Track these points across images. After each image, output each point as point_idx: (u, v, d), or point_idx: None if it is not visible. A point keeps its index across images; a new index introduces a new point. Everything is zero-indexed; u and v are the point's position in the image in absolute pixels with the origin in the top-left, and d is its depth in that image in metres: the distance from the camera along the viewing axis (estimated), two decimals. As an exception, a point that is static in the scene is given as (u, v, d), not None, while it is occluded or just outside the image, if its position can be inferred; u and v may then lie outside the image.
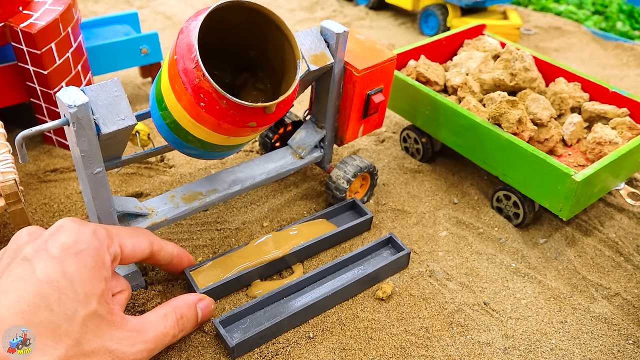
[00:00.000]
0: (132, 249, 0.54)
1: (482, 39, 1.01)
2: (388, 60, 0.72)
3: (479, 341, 0.64)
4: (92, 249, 0.48)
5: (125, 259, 0.54)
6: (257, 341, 0.60)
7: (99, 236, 0.50)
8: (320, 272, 0.68)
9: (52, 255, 0.46)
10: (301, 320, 0.63)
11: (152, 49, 1.01)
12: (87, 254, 0.48)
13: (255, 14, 0.58)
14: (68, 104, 0.50)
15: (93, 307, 0.47)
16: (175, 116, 0.57)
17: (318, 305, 0.64)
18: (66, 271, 0.46)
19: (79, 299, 0.46)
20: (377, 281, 0.69)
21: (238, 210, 0.79)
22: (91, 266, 0.47)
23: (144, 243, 0.56)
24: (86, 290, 0.46)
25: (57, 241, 0.48)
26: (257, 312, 0.64)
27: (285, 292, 0.65)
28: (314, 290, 0.67)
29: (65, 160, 0.88)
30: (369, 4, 1.54)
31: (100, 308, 0.47)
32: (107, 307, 0.48)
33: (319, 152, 0.78)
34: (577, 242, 0.78)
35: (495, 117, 0.78)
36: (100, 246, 0.49)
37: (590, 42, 1.43)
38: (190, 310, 0.58)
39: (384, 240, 0.73)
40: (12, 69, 0.82)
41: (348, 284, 0.65)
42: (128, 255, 0.54)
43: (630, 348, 0.64)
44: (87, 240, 0.49)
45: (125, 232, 0.55)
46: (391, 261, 0.69)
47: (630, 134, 0.80)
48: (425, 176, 0.89)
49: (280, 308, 0.64)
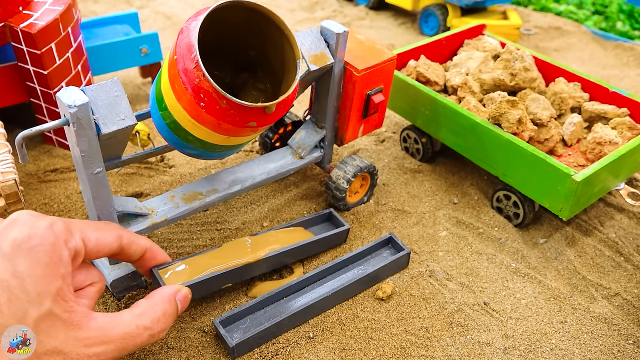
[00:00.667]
0: (96, 243, 0.50)
1: (482, 39, 1.01)
2: (388, 60, 0.72)
3: (479, 341, 0.64)
4: (46, 244, 0.45)
5: (89, 253, 0.50)
6: (257, 341, 0.60)
7: (55, 230, 0.46)
8: (320, 272, 0.68)
9: (2, 252, 0.43)
10: (301, 320, 0.63)
11: (152, 49, 1.01)
12: (40, 249, 0.44)
13: (255, 14, 0.57)
14: (68, 104, 0.50)
15: (46, 306, 0.44)
16: (175, 116, 0.57)
17: (318, 305, 0.64)
18: (16, 270, 0.43)
19: (30, 299, 0.43)
20: (377, 281, 0.69)
21: (238, 210, 0.79)
22: (45, 263, 0.44)
23: (110, 237, 0.52)
24: (38, 289, 0.43)
25: (9, 236, 0.44)
26: (257, 312, 0.63)
27: (285, 292, 0.65)
28: (314, 291, 0.67)
29: (65, 160, 0.88)
30: (369, 4, 1.54)
31: (55, 307, 0.44)
32: (65, 305, 0.45)
33: (319, 152, 0.78)
34: (577, 242, 0.78)
35: (495, 117, 0.78)
36: (56, 241, 0.46)
37: (590, 42, 1.43)
38: (171, 305, 0.53)
39: (384, 240, 0.72)
40: (12, 69, 0.82)
41: (348, 284, 0.65)
42: (92, 249, 0.50)
43: (630, 348, 0.64)
44: (40, 234, 0.45)
45: (89, 226, 0.51)
46: (391, 261, 0.69)
47: (630, 134, 0.80)
48: (425, 176, 0.89)
49: (280, 308, 0.64)
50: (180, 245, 0.73)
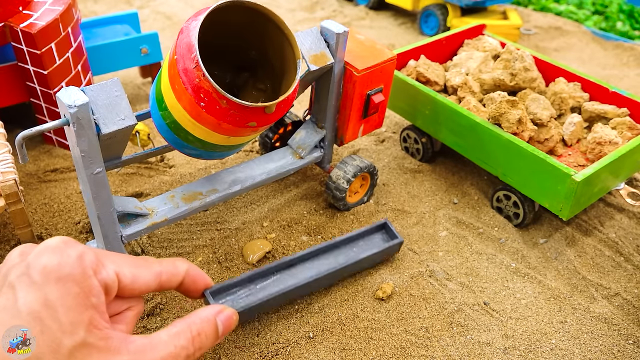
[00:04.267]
0: (132, 280, 0.49)
1: (482, 39, 1.01)
2: (388, 60, 0.72)
3: (479, 341, 0.64)
4: (76, 273, 0.44)
5: (124, 289, 0.49)
6: (245, 316, 0.61)
7: (84, 260, 0.45)
8: (312, 252, 0.68)
9: (34, 281, 0.43)
10: (290, 298, 0.64)
11: (152, 49, 1.01)
12: (70, 279, 0.44)
13: (255, 14, 0.58)
14: (68, 104, 0.50)
15: (81, 336, 0.43)
16: (176, 116, 0.57)
17: (310, 285, 0.64)
18: (48, 299, 0.42)
19: (64, 329, 0.42)
20: (367, 266, 0.70)
21: (238, 210, 0.79)
22: (76, 292, 0.43)
23: (148, 274, 0.51)
24: (71, 319, 0.43)
25: (39, 264, 0.44)
26: (249, 285, 0.64)
27: (277, 267, 0.66)
28: (306, 270, 0.67)
29: (65, 160, 0.88)
30: (369, 4, 1.54)
31: (89, 336, 0.43)
32: (99, 333, 0.44)
33: (319, 152, 0.78)
34: (577, 242, 0.78)
35: (495, 117, 0.78)
36: (85, 271, 0.45)
37: (590, 42, 1.43)
38: (210, 325, 0.54)
39: (378, 226, 0.73)
40: (12, 69, 0.82)
41: (339, 267, 0.66)
42: (127, 285, 0.49)
43: (630, 348, 0.64)
44: (71, 263, 0.44)
45: (125, 261, 0.49)
46: (383, 249, 0.69)
47: (630, 134, 0.80)
48: (425, 176, 0.89)
49: (271, 285, 0.65)
50: (180, 245, 0.73)
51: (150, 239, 0.74)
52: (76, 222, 0.75)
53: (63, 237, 0.48)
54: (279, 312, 0.65)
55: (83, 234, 0.74)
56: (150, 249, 0.72)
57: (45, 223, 0.75)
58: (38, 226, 0.75)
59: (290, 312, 0.65)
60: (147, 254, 0.71)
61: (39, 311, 0.42)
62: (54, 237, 0.47)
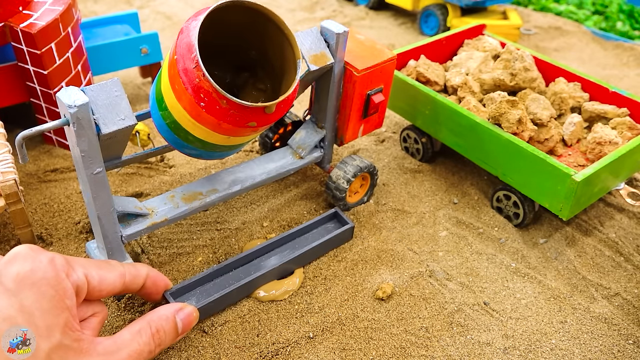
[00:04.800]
0: (99, 281, 0.51)
1: (482, 39, 1.01)
2: (388, 60, 0.72)
3: (479, 341, 0.64)
4: (49, 277, 0.45)
5: (92, 291, 0.51)
6: (207, 312, 0.62)
7: (56, 264, 0.46)
8: (268, 245, 0.70)
9: (7, 289, 0.43)
10: (248, 292, 0.66)
11: (152, 49, 1.01)
12: (44, 283, 0.44)
13: (255, 14, 0.58)
14: (68, 104, 0.50)
15: (57, 338, 0.44)
16: (176, 116, 0.57)
17: (267, 276, 0.67)
18: (24, 304, 0.43)
19: (40, 332, 0.43)
20: (323, 253, 0.72)
21: (238, 210, 0.79)
22: (51, 295, 0.44)
23: (113, 275, 0.53)
24: (47, 322, 0.44)
25: (11, 272, 0.44)
26: (206, 284, 0.66)
27: (234, 264, 0.68)
28: (262, 263, 0.70)
29: (65, 160, 0.88)
30: (369, 4, 1.54)
31: (64, 338, 0.45)
32: (73, 335, 0.46)
33: (319, 152, 0.78)
34: (577, 242, 0.78)
35: (495, 117, 0.78)
36: (58, 274, 0.46)
37: (590, 42, 1.43)
38: (168, 322, 0.54)
39: (329, 215, 0.76)
40: (12, 69, 0.82)
41: (295, 256, 0.68)
42: (95, 287, 0.51)
43: (630, 348, 0.64)
44: (43, 268, 0.45)
45: (91, 264, 0.52)
46: (335, 235, 0.72)
47: (630, 134, 0.80)
48: (425, 176, 0.89)
49: (229, 279, 0.67)
50: (180, 245, 0.73)
51: (150, 239, 0.74)
52: (76, 222, 0.75)
53: (29, 245, 0.48)
54: (279, 312, 0.65)
55: (83, 234, 0.74)
56: (150, 249, 0.72)
57: (45, 223, 0.75)
58: (38, 226, 0.75)
59: (290, 312, 0.65)
60: (147, 254, 0.71)
61: (15, 317, 0.43)
62: (20, 246, 0.47)
